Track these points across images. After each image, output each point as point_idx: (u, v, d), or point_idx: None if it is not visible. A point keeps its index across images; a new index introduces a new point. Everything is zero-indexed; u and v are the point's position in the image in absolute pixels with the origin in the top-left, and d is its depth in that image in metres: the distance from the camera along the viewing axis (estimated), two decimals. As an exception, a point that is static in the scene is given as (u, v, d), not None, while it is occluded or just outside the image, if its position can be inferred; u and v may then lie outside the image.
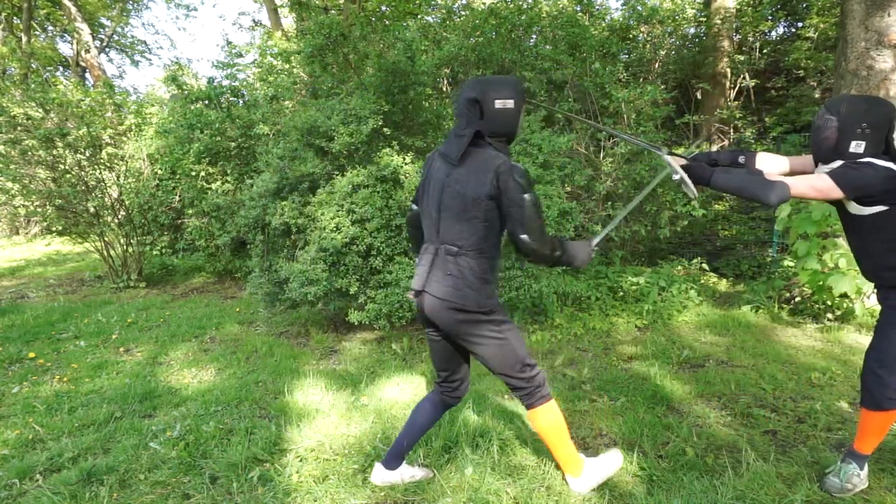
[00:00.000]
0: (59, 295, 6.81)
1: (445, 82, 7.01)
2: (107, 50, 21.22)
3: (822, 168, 2.19)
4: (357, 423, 3.04)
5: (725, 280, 6.43)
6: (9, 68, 16.46)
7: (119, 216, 7.07)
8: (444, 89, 6.94)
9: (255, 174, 5.74)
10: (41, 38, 19.16)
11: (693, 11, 10.22)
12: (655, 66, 9.67)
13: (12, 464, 2.71)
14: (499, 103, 2.01)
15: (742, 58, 10.30)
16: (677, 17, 9.93)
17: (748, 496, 2.28)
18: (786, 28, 11.35)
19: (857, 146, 2.08)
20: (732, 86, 10.47)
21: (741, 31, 10.48)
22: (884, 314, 2.23)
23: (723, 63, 9.98)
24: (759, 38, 10.62)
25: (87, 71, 16.85)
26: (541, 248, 2.00)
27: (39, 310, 5.88)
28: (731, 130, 9.98)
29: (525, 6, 7.68)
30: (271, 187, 4.63)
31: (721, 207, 7.59)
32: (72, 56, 18.24)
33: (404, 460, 2.46)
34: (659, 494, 2.32)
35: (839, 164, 2.12)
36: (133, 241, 7.21)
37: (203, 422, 3.11)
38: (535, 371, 2.20)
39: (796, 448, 2.72)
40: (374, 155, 4.57)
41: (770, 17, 10.71)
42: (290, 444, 2.83)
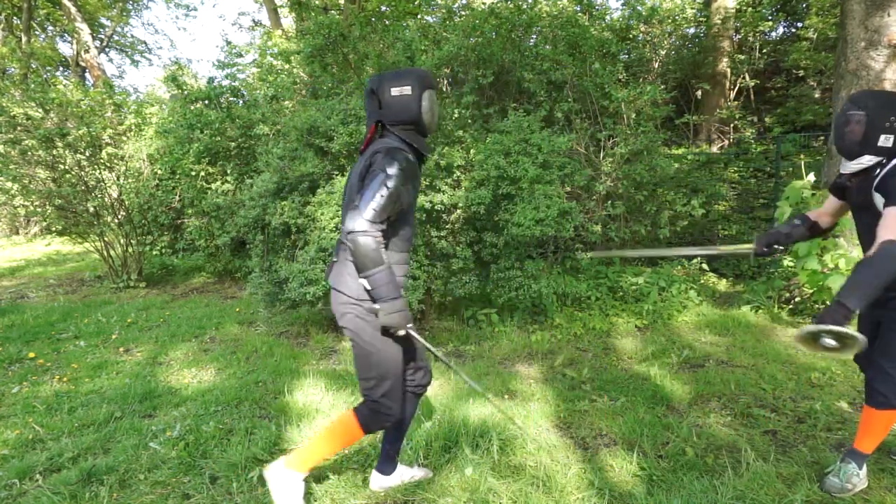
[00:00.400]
0: (59, 295, 6.81)
1: (445, 82, 7.00)
2: (107, 50, 21.22)
3: (850, 166, 2.17)
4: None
5: (725, 280, 6.43)
6: (9, 68, 16.46)
7: (119, 216, 7.07)
8: (444, 89, 6.94)
9: (255, 174, 5.75)
10: (41, 39, 19.16)
11: (693, 11, 10.22)
12: (655, 66, 9.67)
13: (12, 464, 2.71)
14: (395, 91, 2.01)
15: (742, 58, 10.30)
16: (677, 18, 9.92)
17: (748, 496, 2.28)
18: (785, 28, 11.35)
19: (885, 139, 2.07)
20: (732, 86, 10.47)
21: (741, 30, 10.48)
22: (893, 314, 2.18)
23: (723, 63, 9.98)
24: (758, 38, 10.62)
25: (87, 71, 16.85)
26: (362, 227, 1.82)
27: (39, 310, 5.88)
28: (730, 130, 9.99)
29: (525, 6, 7.68)
30: (271, 187, 4.63)
31: (721, 207, 7.59)
32: (72, 56, 18.25)
33: (398, 463, 2.45)
34: (659, 494, 2.32)
35: (886, 193, 2.03)
36: (133, 241, 7.21)
37: (203, 422, 3.11)
38: (388, 399, 2.06)
39: (796, 448, 2.72)
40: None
41: (770, 18, 10.72)
42: (290, 444, 2.83)
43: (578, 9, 8.63)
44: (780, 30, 11.39)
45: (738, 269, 6.60)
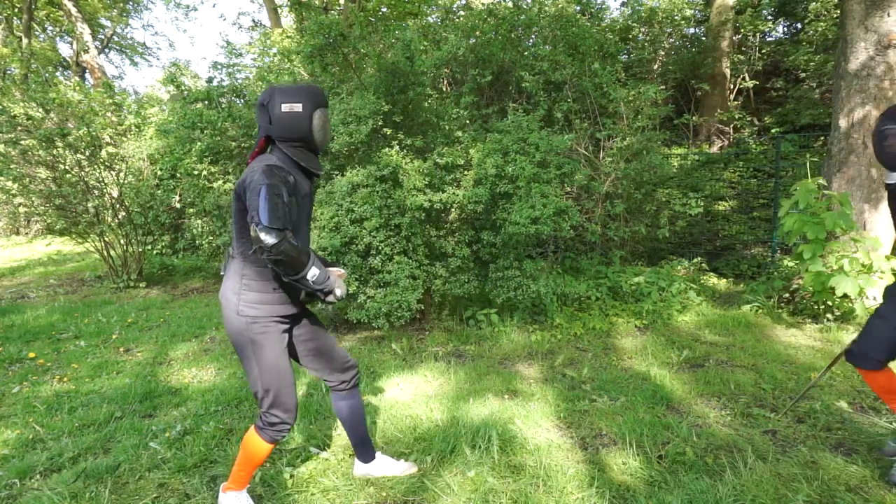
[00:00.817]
0: (60, 295, 6.81)
1: (445, 82, 7.01)
2: (106, 51, 21.23)
3: (894, 176, 2.29)
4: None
5: (725, 280, 6.43)
6: (9, 69, 16.47)
7: (119, 216, 7.07)
8: (444, 89, 6.95)
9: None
10: (41, 39, 19.17)
11: (692, 12, 10.22)
12: (655, 66, 9.67)
13: (12, 464, 2.71)
14: (285, 107, 2.00)
15: (741, 58, 10.31)
16: (676, 17, 9.93)
17: (748, 496, 2.29)
18: (785, 28, 11.36)
19: None
20: (732, 86, 10.48)
21: (741, 31, 10.49)
22: None
23: (723, 63, 9.99)
24: (758, 38, 10.63)
25: (87, 71, 16.85)
26: (271, 239, 1.80)
27: (39, 310, 5.88)
28: (730, 131, 9.99)
29: (524, 6, 7.68)
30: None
31: (721, 207, 7.59)
32: (72, 56, 18.25)
33: (376, 452, 2.51)
34: (659, 494, 2.32)
35: None
36: (133, 241, 7.22)
37: (203, 422, 3.11)
38: (275, 409, 2.08)
39: (796, 448, 2.72)
40: (373, 155, 4.58)
41: (770, 18, 10.72)
42: (291, 444, 2.84)
43: (578, 9, 8.62)
44: (781, 30, 11.40)
45: (738, 269, 6.60)
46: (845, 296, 4.49)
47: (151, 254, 8.02)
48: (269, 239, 1.80)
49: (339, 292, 2.01)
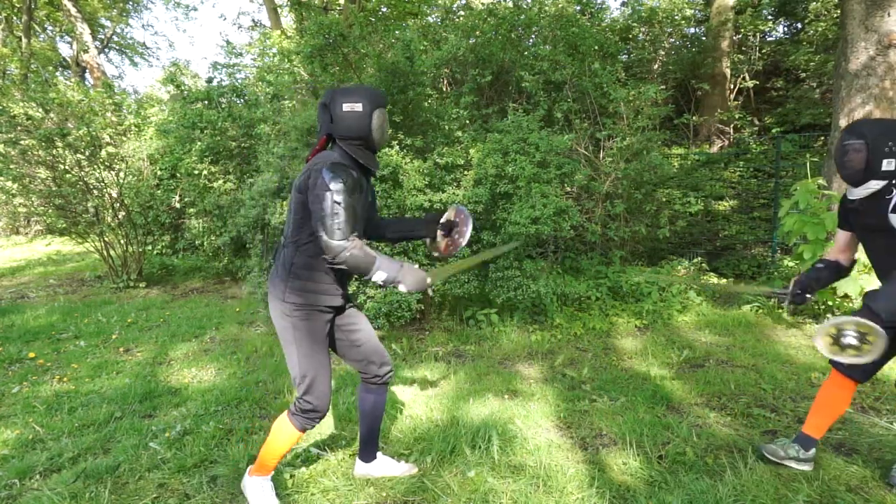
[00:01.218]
0: (59, 295, 6.81)
1: (445, 82, 7.01)
2: (106, 51, 21.23)
3: (856, 192, 2.25)
4: (357, 423, 3.04)
5: (725, 280, 6.43)
6: (9, 68, 16.47)
7: (119, 216, 7.07)
8: (444, 89, 6.94)
9: (255, 174, 5.75)
10: (41, 39, 19.17)
11: (692, 11, 10.22)
12: (655, 66, 9.67)
13: (12, 464, 2.71)
14: (346, 107, 2.08)
15: (741, 58, 10.30)
16: (676, 17, 9.93)
17: (748, 496, 2.29)
18: (785, 28, 11.36)
19: (888, 164, 2.16)
20: (732, 86, 10.48)
21: (741, 31, 10.49)
22: None
23: (723, 63, 9.99)
24: (758, 38, 10.63)
25: (87, 71, 16.86)
26: (339, 246, 1.93)
27: (39, 310, 5.88)
28: (730, 131, 9.99)
29: (524, 6, 7.68)
30: (271, 187, 4.63)
31: (721, 207, 7.59)
32: (72, 56, 18.25)
33: (378, 453, 2.52)
34: (659, 494, 2.32)
35: None
36: (133, 241, 7.21)
37: (203, 422, 3.11)
38: (309, 396, 2.13)
39: (796, 448, 2.72)
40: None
41: (770, 18, 10.72)
42: (290, 444, 2.83)
43: (578, 9, 8.63)
44: (781, 30, 11.40)
45: (738, 269, 6.60)
46: (846, 296, 4.49)
47: (151, 254, 8.02)
48: (333, 248, 1.93)
49: (402, 288, 2.03)
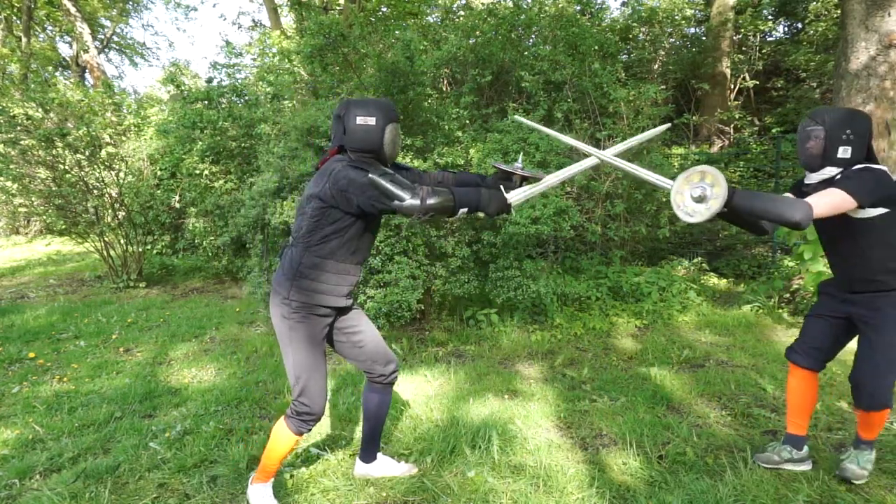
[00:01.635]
0: (59, 295, 6.81)
1: (445, 82, 7.01)
2: (106, 51, 21.22)
3: (813, 177, 2.27)
4: (357, 423, 3.04)
5: (725, 280, 6.43)
6: (9, 68, 16.46)
7: (119, 216, 7.06)
8: (444, 89, 6.95)
9: (256, 174, 5.74)
10: (41, 39, 19.16)
11: (692, 11, 10.21)
12: (655, 66, 9.66)
13: (12, 464, 2.71)
14: (360, 120, 2.10)
15: (741, 58, 10.30)
16: (676, 17, 9.92)
17: (748, 496, 2.29)
18: (785, 28, 11.35)
19: (844, 152, 2.16)
20: (732, 86, 10.48)
21: (741, 31, 10.49)
22: (882, 319, 2.22)
23: (723, 63, 9.99)
24: (758, 38, 10.62)
25: (87, 71, 16.85)
26: (416, 201, 1.93)
27: (39, 310, 5.88)
28: (730, 130, 9.99)
29: (524, 6, 7.68)
30: (271, 187, 4.63)
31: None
32: (71, 56, 18.24)
33: (379, 454, 2.52)
34: (659, 494, 2.32)
35: (840, 177, 2.14)
36: (133, 241, 7.21)
37: (203, 422, 3.11)
38: (304, 398, 2.14)
39: (796, 448, 2.72)
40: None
41: (770, 18, 10.72)
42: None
43: (578, 9, 8.63)
44: (781, 30, 11.40)
45: (738, 269, 6.60)
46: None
47: (151, 254, 8.02)
48: (414, 207, 1.92)
49: (461, 211, 2.00)
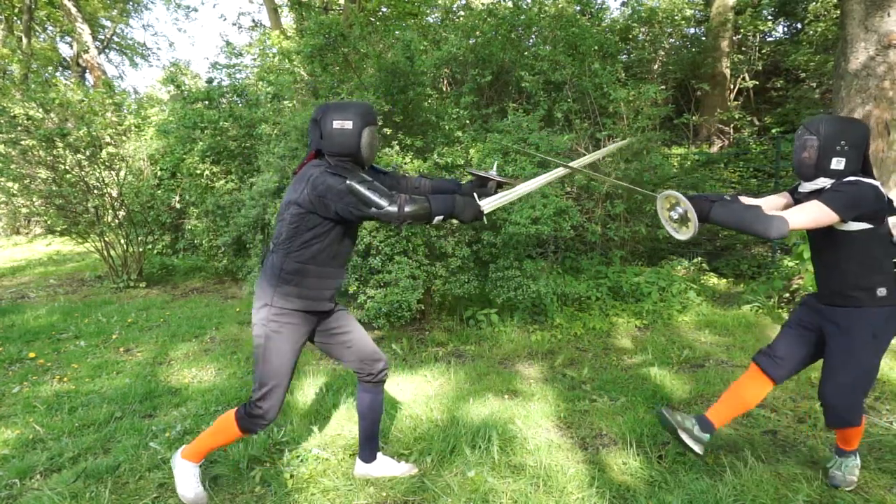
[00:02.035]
0: (60, 295, 6.81)
1: (445, 82, 7.01)
2: (106, 51, 21.23)
3: (807, 186, 2.25)
4: (357, 423, 3.04)
5: (725, 280, 6.43)
6: (9, 68, 16.46)
7: (119, 216, 7.06)
8: (444, 89, 6.95)
9: (256, 174, 5.74)
10: (41, 39, 19.16)
11: (692, 12, 10.21)
12: (655, 66, 9.66)
13: (12, 464, 2.71)
14: (336, 124, 2.11)
15: (741, 58, 10.30)
16: (676, 18, 9.92)
17: (748, 496, 2.29)
18: (785, 28, 11.35)
19: (837, 163, 2.14)
20: (732, 86, 10.48)
21: (741, 30, 10.49)
22: (851, 336, 2.17)
23: (723, 63, 9.99)
24: (758, 38, 10.62)
25: (88, 71, 16.86)
26: (394, 208, 1.99)
27: (39, 310, 5.88)
28: (730, 131, 9.99)
29: (524, 6, 7.68)
30: (271, 187, 4.63)
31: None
32: (72, 56, 18.25)
33: (378, 454, 2.52)
34: (659, 494, 2.32)
35: (826, 190, 2.14)
36: (133, 241, 7.21)
37: (203, 422, 3.11)
38: (263, 402, 2.15)
39: (796, 448, 2.72)
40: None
41: (770, 18, 10.72)
42: (291, 444, 2.83)
43: (578, 9, 8.64)
44: (781, 30, 11.40)
45: (738, 269, 6.60)
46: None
47: (151, 254, 8.02)
48: (391, 214, 1.98)
49: (437, 218, 2.06)
